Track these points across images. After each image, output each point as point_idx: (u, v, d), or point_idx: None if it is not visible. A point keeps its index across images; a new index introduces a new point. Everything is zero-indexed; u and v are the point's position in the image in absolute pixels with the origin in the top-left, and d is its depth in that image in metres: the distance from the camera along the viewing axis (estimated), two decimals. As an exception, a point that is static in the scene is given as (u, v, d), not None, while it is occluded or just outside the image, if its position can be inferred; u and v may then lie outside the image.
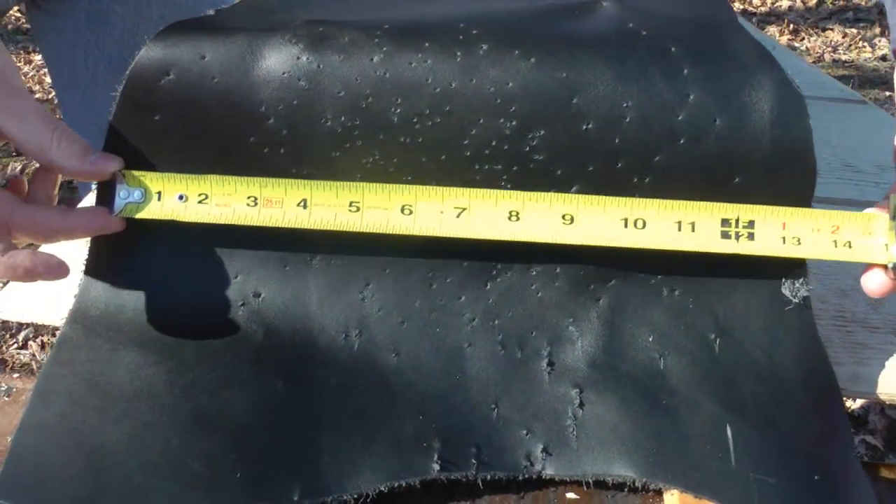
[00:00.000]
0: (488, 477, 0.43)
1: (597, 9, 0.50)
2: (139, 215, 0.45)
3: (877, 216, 0.45)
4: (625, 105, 0.45)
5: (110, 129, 0.47)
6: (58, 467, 0.41)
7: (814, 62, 3.01)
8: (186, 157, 0.47)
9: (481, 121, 0.45)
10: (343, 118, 0.45)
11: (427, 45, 0.45)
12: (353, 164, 0.46)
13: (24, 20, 2.50)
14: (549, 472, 0.43)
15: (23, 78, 2.20)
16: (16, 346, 1.68)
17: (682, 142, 0.45)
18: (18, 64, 2.61)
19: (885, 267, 0.45)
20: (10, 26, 2.77)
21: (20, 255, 0.43)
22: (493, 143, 0.46)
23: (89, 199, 0.55)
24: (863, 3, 3.47)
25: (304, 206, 0.45)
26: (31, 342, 1.70)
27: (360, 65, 0.45)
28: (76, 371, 0.45)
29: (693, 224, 0.45)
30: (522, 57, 0.45)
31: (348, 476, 0.42)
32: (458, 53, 0.45)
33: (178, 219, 0.45)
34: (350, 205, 0.45)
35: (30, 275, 0.43)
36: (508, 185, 0.46)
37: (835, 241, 0.45)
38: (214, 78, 0.45)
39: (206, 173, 0.46)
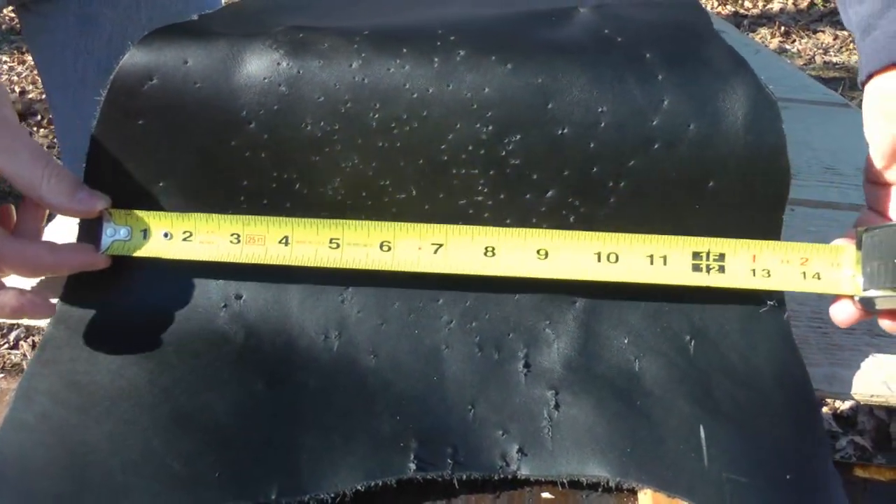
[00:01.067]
0: (464, 477, 0.43)
1: (573, 15, 0.51)
2: (125, 253, 0.46)
3: (844, 248, 0.46)
4: (599, 110, 0.45)
5: (94, 134, 0.47)
6: (40, 465, 0.41)
7: (804, 64, 3.02)
8: (169, 161, 0.47)
9: (458, 126, 0.46)
10: (322, 123, 0.46)
11: (405, 50, 0.46)
12: (332, 168, 0.47)
13: (17, 20, 2.51)
14: (524, 472, 0.43)
15: (18, 78, 2.20)
16: (6, 346, 1.68)
17: (656, 146, 0.46)
18: (12, 64, 2.61)
19: (851, 298, 0.46)
20: (3, 26, 2.77)
21: (7, 295, 0.43)
22: (470, 148, 0.46)
23: (61, 221, 0.55)
24: (854, 6, 3.48)
25: (286, 244, 0.46)
26: (21, 342, 1.70)
27: (340, 70, 0.46)
28: (59, 371, 0.45)
29: (665, 258, 0.46)
30: (499, 63, 0.46)
31: (326, 475, 0.42)
32: (436, 59, 0.46)
33: (162, 256, 0.46)
34: (330, 241, 0.46)
35: (16, 314, 0.44)
36: (485, 190, 0.47)
37: (804, 273, 0.46)
38: (197, 83, 0.46)
39: (188, 177, 0.47)
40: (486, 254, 0.46)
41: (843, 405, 1.54)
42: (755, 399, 0.45)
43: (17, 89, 2.48)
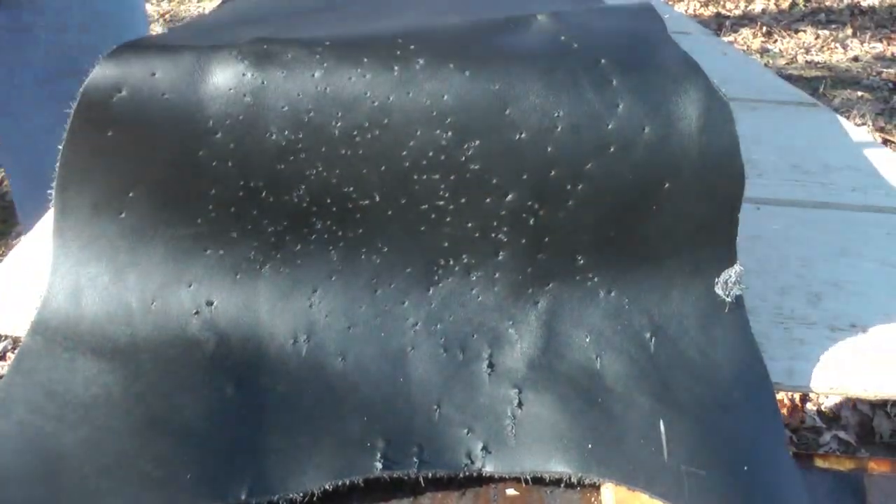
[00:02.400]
0: (430, 475, 0.44)
1: (531, 23, 0.52)
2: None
3: None
4: (556, 115, 0.46)
5: (64, 145, 0.48)
6: (16, 472, 0.42)
7: (787, 63, 3.04)
8: (138, 171, 0.48)
9: (419, 132, 0.47)
10: (287, 132, 0.47)
11: (366, 60, 0.47)
12: (297, 176, 0.47)
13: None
14: (488, 469, 0.44)
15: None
16: (-7, 358, 1.68)
17: (612, 150, 0.47)
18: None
19: None
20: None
21: None
22: (431, 154, 0.47)
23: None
24: (835, 6, 3.51)
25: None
26: (9, 353, 1.71)
27: (302, 80, 0.47)
28: (35, 380, 0.46)
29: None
30: (457, 70, 0.47)
31: (294, 475, 0.43)
32: (396, 68, 0.47)
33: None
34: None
35: None
36: (446, 195, 0.48)
37: None
38: (164, 94, 0.47)
39: (157, 187, 0.48)
40: None
41: (827, 400, 1.55)
42: (714, 394, 0.46)
43: None
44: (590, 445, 0.44)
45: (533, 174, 0.47)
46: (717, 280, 0.49)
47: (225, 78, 0.47)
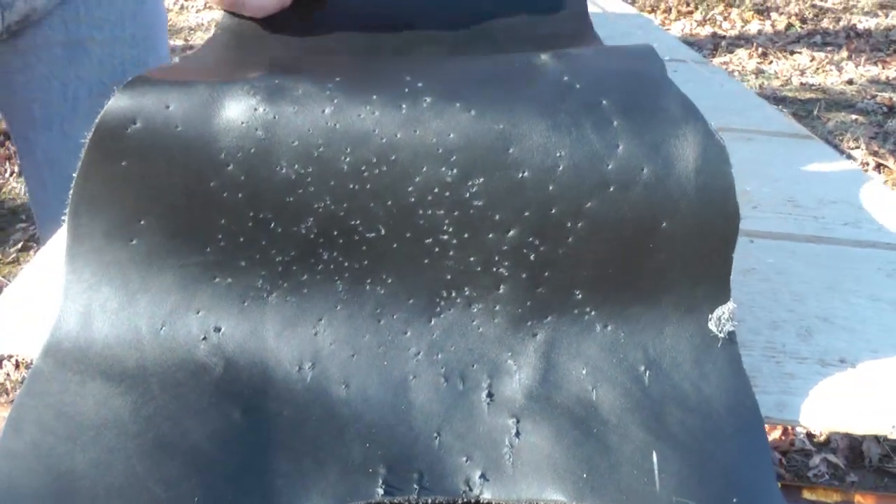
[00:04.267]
0: (430, 501, 0.45)
1: (535, 63, 0.53)
2: None
3: None
4: (558, 154, 0.48)
5: (79, 173, 0.49)
6: (29, 491, 0.43)
7: (781, 85, 3.06)
8: (150, 200, 0.49)
9: (424, 169, 0.48)
10: (297, 165, 0.48)
11: (375, 97, 0.48)
12: (305, 208, 0.49)
13: None
14: (486, 496, 0.46)
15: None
16: (-11, 366, 1.68)
17: (612, 189, 0.48)
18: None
19: None
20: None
21: None
22: (436, 190, 0.48)
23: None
24: (830, 28, 3.54)
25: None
26: (4, 361, 1.71)
27: (313, 116, 0.48)
28: (47, 402, 0.47)
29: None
30: (463, 109, 0.48)
31: (299, 499, 0.45)
32: (403, 106, 0.48)
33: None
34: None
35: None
36: (450, 230, 0.49)
37: None
38: (178, 126, 0.48)
39: (168, 215, 0.49)
40: None
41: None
42: (706, 426, 0.48)
43: None
44: (584, 475, 0.46)
45: (534, 211, 0.49)
46: (710, 317, 0.51)
47: (237, 112, 0.48)
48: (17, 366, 1.69)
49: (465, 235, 0.49)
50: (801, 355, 0.56)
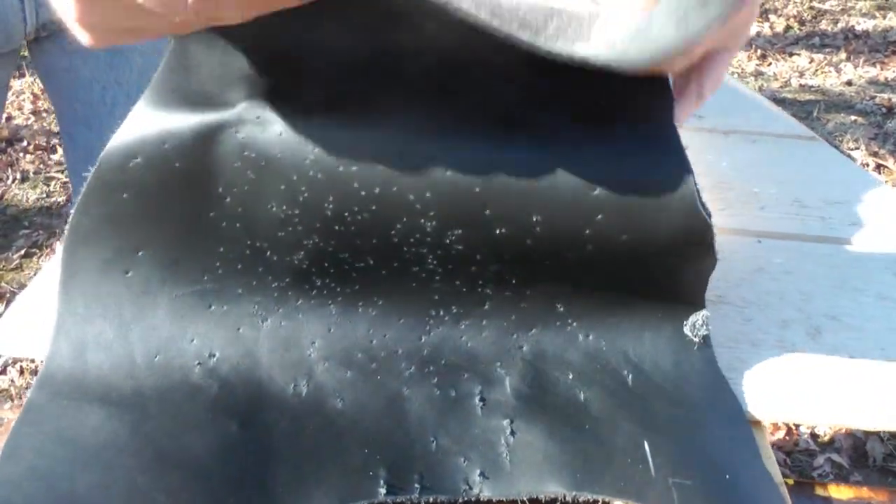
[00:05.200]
0: (431, 499, 0.46)
1: (514, 134, 0.52)
2: None
3: None
4: (534, 218, 0.50)
5: (80, 202, 0.50)
6: None
7: (781, 86, 3.07)
8: (149, 231, 0.51)
9: (404, 219, 0.50)
10: (285, 206, 0.50)
11: (353, 149, 0.50)
12: (296, 244, 0.51)
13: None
14: (486, 493, 0.47)
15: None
16: (-5, 372, 1.69)
17: (589, 248, 0.50)
18: None
19: None
20: None
21: None
22: (417, 236, 0.51)
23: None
24: (829, 30, 3.55)
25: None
26: (9, 367, 1.71)
27: (296, 163, 0.49)
28: (44, 429, 0.47)
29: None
30: (439, 169, 0.49)
31: (302, 500, 0.45)
32: (381, 167, 0.50)
33: None
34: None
35: None
36: (434, 262, 0.51)
37: None
38: (176, 163, 0.50)
39: (166, 245, 0.51)
40: None
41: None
42: (691, 416, 0.50)
43: (4, 115, 2.49)
44: (581, 466, 0.47)
45: (513, 257, 0.51)
46: (685, 323, 0.54)
47: (229, 155, 0.50)
48: (21, 371, 1.69)
49: (450, 267, 0.52)
50: (811, 353, 0.57)
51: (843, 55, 3.30)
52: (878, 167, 2.42)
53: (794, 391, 0.53)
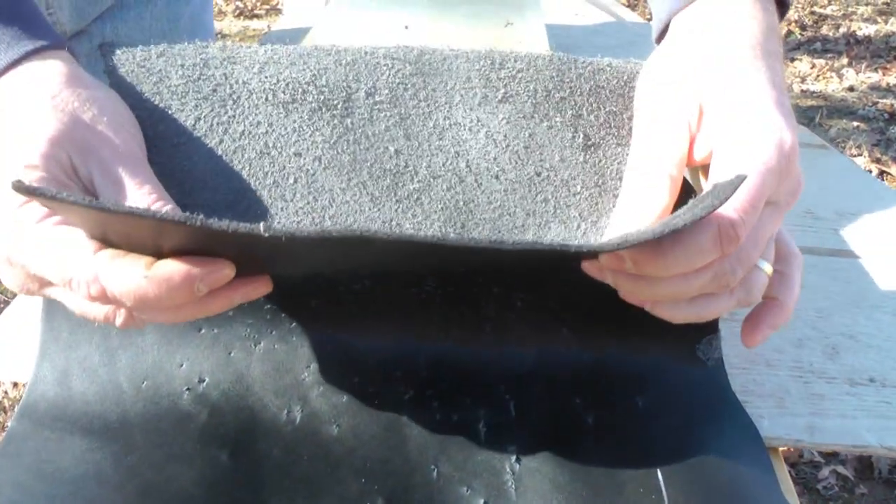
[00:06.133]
0: None
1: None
2: None
3: None
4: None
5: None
6: None
7: (783, 93, 3.05)
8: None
9: (403, 269, 0.49)
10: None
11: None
12: (291, 265, 0.47)
13: None
14: None
15: None
16: (-14, 382, 1.66)
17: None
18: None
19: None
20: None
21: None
22: (414, 277, 0.50)
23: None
24: (830, 35, 3.53)
25: None
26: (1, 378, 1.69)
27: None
28: (24, 462, 0.45)
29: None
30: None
31: None
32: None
33: None
34: None
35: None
36: (433, 285, 0.50)
37: None
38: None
39: None
40: None
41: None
42: (705, 444, 0.47)
43: None
44: (592, 495, 0.45)
45: (516, 278, 0.50)
46: (698, 346, 0.51)
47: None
48: (14, 384, 1.67)
49: (450, 289, 0.50)
50: (829, 374, 0.55)
51: (844, 60, 3.28)
52: (882, 174, 2.40)
53: (813, 416, 0.51)
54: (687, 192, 0.46)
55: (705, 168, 0.45)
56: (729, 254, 0.40)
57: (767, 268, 0.44)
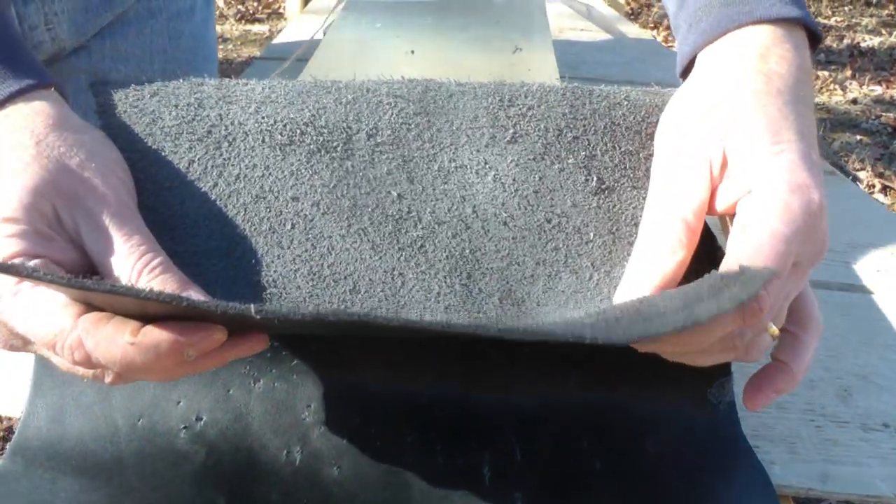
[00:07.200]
0: None
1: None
2: None
3: None
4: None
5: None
6: None
7: (786, 105, 3.04)
8: None
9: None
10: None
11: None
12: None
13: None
14: None
15: None
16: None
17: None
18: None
19: None
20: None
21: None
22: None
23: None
24: (834, 46, 3.52)
25: None
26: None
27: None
28: (16, 503, 0.44)
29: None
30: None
31: None
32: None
33: None
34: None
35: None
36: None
37: None
38: None
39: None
40: None
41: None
42: (714, 490, 0.47)
43: None
44: None
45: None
46: (710, 389, 0.49)
47: None
48: None
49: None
50: (842, 419, 0.54)
51: (847, 73, 3.27)
52: (885, 188, 2.39)
53: (826, 462, 0.50)
54: (706, 237, 0.44)
55: (730, 216, 0.44)
56: (750, 325, 0.39)
57: (773, 329, 0.42)
